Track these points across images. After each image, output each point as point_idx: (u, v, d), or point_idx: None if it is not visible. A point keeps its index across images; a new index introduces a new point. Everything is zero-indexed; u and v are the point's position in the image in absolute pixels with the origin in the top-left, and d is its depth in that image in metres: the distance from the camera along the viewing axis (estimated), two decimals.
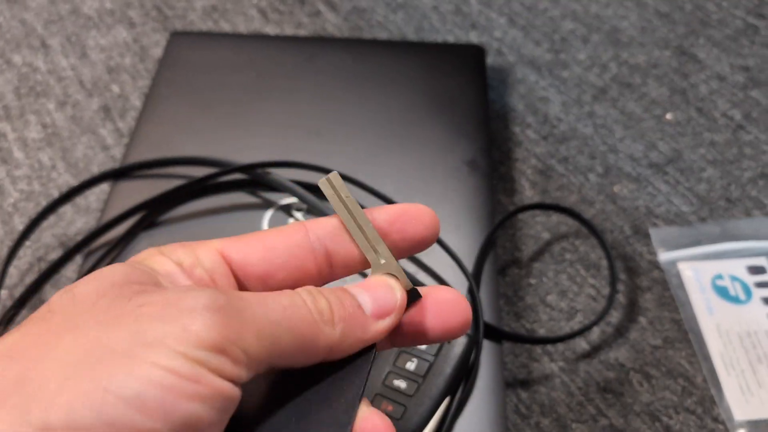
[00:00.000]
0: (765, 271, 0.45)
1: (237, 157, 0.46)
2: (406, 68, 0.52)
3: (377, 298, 0.23)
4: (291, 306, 0.21)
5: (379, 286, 0.23)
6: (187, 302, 0.19)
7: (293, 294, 0.21)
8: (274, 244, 0.23)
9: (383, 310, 0.23)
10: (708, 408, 0.40)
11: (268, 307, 0.20)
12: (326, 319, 0.21)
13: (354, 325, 0.22)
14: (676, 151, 0.51)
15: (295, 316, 0.20)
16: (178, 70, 0.53)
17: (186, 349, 0.18)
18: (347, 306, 0.22)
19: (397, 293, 0.24)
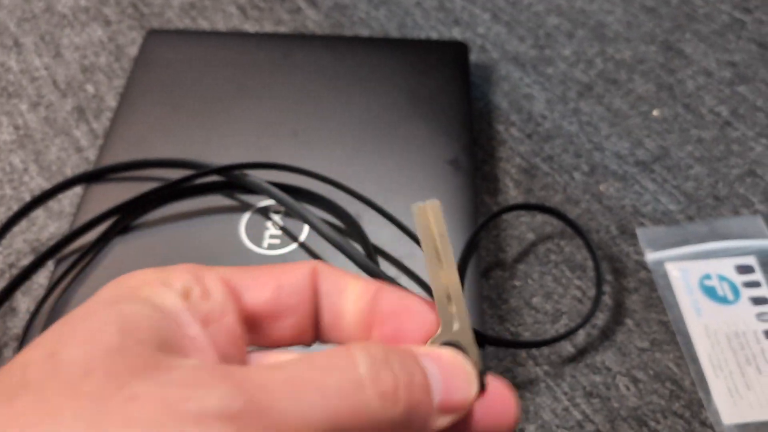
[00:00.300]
0: (753, 270, 0.44)
1: (214, 158, 0.45)
2: (388, 66, 0.51)
3: (451, 385, 0.18)
4: (341, 389, 0.15)
5: (455, 369, 0.18)
6: (189, 406, 0.14)
7: (346, 365, 0.16)
8: (288, 282, 0.20)
9: (453, 403, 0.18)
10: (696, 412, 0.39)
11: (305, 397, 0.15)
12: (388, 400, 0.16)
13: (418, 415, 0.17)
14: (663, 149, 0.50)
15: (346, 402, 0.15)
16: (154, 69, 0.51)
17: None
18: (416, 387, 0.17)
19: (474, 386, 0.18)
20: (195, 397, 0.14)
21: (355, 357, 0.16)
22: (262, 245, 0.42)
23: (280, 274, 0.20)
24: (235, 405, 0.14)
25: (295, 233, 0.42)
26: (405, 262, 0.41)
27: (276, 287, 0.20)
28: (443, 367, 0.18)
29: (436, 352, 0.19)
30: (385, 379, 0.16)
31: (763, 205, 0.47)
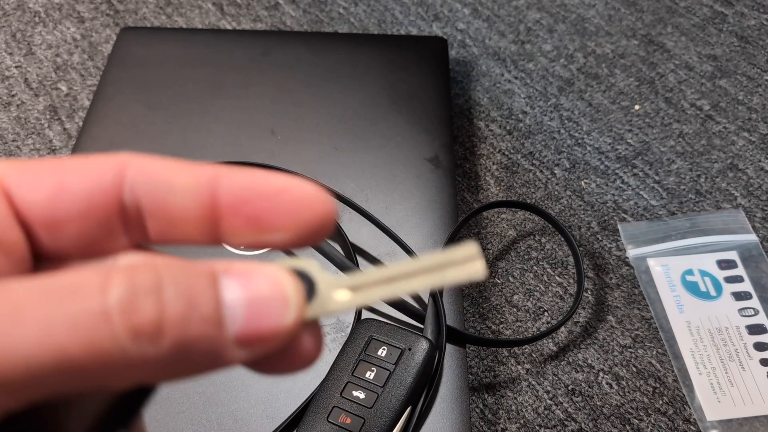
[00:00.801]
0: (736, 265, 0.44)
1: (191, 157, 0.44)
2: (367, 62, 0.50)
3: (258, 312, 0.15)
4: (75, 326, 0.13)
5: (268, 291, 0.15)
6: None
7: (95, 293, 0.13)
8: (73, 183, 0.16)
9: (258, 334, 0.15)
10: (679, 409, 0.38)
11: (23, 330, 0.13)
12: (145, 338, 0.13)
13: (197, 353, 0.14)
14: (645, 144, 0.49)
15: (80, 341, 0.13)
16: (128, 67, 0.50)
17: None
18: (197, 321, 0.14)
19: (291, 314, 0.15)
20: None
21: (111, 280, 0.13)
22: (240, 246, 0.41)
23: (67, 171, 0.16)
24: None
25: None
26: (385, 260, 0.40)
27: (56, 187, 0.16)
28: (251, 288, 0.15)
29: (246, 268, 0.15)
30: (142, 312, 0.13)
31: (745, 200, 0.47)
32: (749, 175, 0.48)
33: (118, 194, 0.16)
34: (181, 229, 0.16)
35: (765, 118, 0.51)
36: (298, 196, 0.16)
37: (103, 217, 0.16)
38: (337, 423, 0.33)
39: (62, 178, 0.16)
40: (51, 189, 0.16)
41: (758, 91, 0.52)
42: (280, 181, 0.16)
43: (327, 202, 0.16)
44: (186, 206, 0.16)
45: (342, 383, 0.34)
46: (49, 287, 0.13)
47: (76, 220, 0.16)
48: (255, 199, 0.16)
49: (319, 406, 0.34)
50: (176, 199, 0.16)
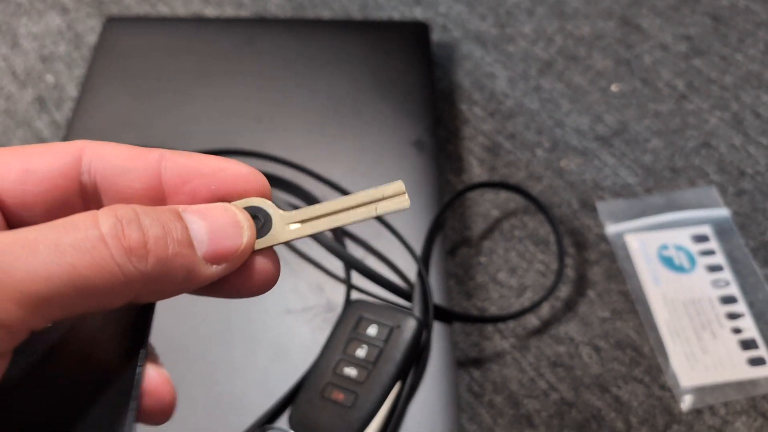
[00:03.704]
0: (708, 239, 0.45)
1: (178, 145, 0.45)
2: (349, 48, 0.51)
3: (218, 235, 0.18)
4: (76, 248, 0.15)
5: (223, 220, 0.18)
6: None
7: (87, 227, 0.16)
8: (37, 166, 0.18)
9: (220, 252, 0.18)
10: (655, 376, 0.40)
11: (34, 256, 0.15)
12: (136, 257, 0.16)
13: (176, 268, 0.17)
14: (622, 123, 0.51)
15: (80, 260, 0.15)
16: (114, 57, 0.51)
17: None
18: (173, 241, 0.17)
19: (244, 234, 0.18)
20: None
21: (98, 217, 0.16)
22: None
23: (31, 157, 0.18)
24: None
25: None
26: (372, 243, 0.42)
27: (22, 171, 0.18)
28: (209, 218, 0.18)
29: (203, 207, 0.18)
30: (130, 235, 0.16)
31: (718, 176, 0.48)
32: (721, 152, 0.50)
33: (77, 176, 0.18)
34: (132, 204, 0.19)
35: (737, 97, 0.52)
36: (233, 175, 0.19)
37: (64, 195, 0.18)
38: (330, 398, 0.35)
39: (27, 163, 0.18)
40: (18, 172, 0.18)
41: (730, 70, 0.54)
42: (216, 162, 0.19)
43: (259, 180, 0.19)
44: (135, 186, 0.19)
45: (334, 361, 0.36)
46: (50, 226, 0.16)
47: (42, 199, 0.18)
48: (194, 178, 0.19)
49: (313, 383, 0.35)
50: (126, 180, 0.19)
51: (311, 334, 0.39)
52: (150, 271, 0.16)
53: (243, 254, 0.18)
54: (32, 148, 0.19)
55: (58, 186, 0.18)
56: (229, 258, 0.18)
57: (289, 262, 0.41)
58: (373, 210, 0.19)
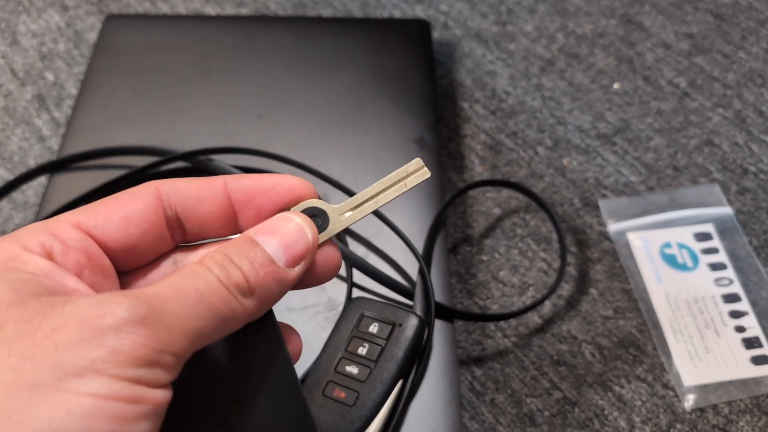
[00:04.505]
0: (711, 237, 0.45)
1: (179, 143, 0.45)
2: (351, 46, 0.51)
3: (288, 244, 0.22)
4: (208, 290, 0.19)
5: (288, 228, 0.22)
6: (105, 320, 0.17)
7: (205, 273, 0.20)
8: (131, 212, 0.22)
9: (296, 255, 0.22)
10: (658, 375, 0.40)
11: (186, 300, 0.19)
12: (243, 291, 0.20)
13: (271, 285, 0.21)
14: (624, 121, 0.51)
15: (214, 299, 0.19)
16: (114, 55, 0.51)
17: (120, 371, 0.17)
18: (260, 266, 0.21)
19: (308, 234, 0.22)
20: (107, 312, 0.17)
21: (211, 267, 0.20)
22: None
23: (123, 205, 0.22)
24: (141, 311, 0.18)
25: None
26: (374, 241, 0.41)
27: (122, 219, 0.22)
28: (277, 232, 0.22)
29: (269, 224, 0.22)
30: (233, 274, 0.20)
31: (721, 174, 0.48)
32: (724, 150, 0.49)
33: (162, 212, 0.22)
34: (209, 227, 0.23)
35: (739, 95, 0.52)
36: (287, 186, 0.23)
37: (158, 231, 0.22)
38: (332, 397, 0.34)
39: (123, 211, 0.22)
40: (118, 221, 0.21)
41: (732, 68, 0.54)
42: (272, 178, 0.23)
43: (308, 186, 0.23)
44: (211, 210, 0.23)
45: (336, 359, 0.36)
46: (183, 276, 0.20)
47: (141, 239, 0.22)
48: (257, 195, 0.23)
49: (315, 381, 0.35)
50: (203, 207, 0.23)
51: (313, 332, 0.38)
52: (257, 296, 0.21)
53: (313, 250, 0.22)
54: (118, 198, 0.22)
55: (152, 224, 0.22)
56: (303, 258, 0.22)
57: None
58: (403, 186, 0.24)
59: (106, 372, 0.17)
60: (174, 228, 0.23)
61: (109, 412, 0.16)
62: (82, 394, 0.16)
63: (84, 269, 0.21)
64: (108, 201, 0.22)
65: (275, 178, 0.23)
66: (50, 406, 0.16)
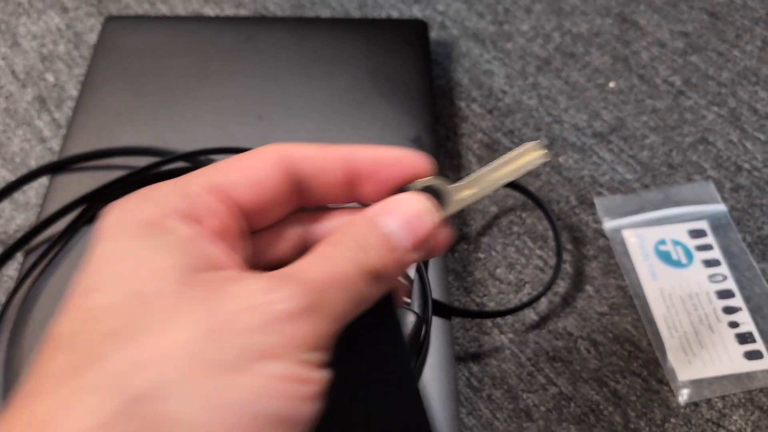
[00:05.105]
0: (705, 234, 0.46)
1: (179, 144, 0.46)
2: (349, 47, 0.52)
3: (413, 229, 0.22)
4: (348, 277, 0.20)
5: (411, 210, 0.22)
6: (280, 307, 0.19)
7: (343, 260, 0.21)
8: (259, 177, 0.22)
9: (419, 242, 0.22)
10: (653, 370, 0.41)
11: (337, 287, 0.20)
12: (374, 277, 0.21)
13: (395, 269, 0.22)
14: (620, 120, 0.51)
15: (353, 285, 0.20)
16: (114, 56, 0.51)
17: (296, 355, 0.18)
18: (388, 252, 0.21)
19: (431, 218, 0.22)
20: (281, 300, 0.19)
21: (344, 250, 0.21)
22: None
23: (253, 170, 0.22)
24: (308, 299, 0.19)
25: None
26: None
27: (253, 184, 0.22)
28: (400, 214, 0.22)
29: (392, 204, 0.22)
30: (367, 260, 0.21)
31: (715, 171, 0.49)
32: (718, 148, 0.50)
33: (289, 178, 0.22)
34: (329, 194, 0.23)
35: (734, 93, 0.53)
36: (410, 163, 0.23)
37: (284, 197, 0.23)
38: None
39: (254, 176, 0.22)
40: (251, 186, 0.22)
41: (727, 66, 0.54)
42: (395, 153, 0.23)
43: (427, 163, 0.23)
44: (333, 181, 0.23)
45: None
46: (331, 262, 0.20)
47: (271, 204, 0.22)
48: (380, 170, 0.23)
49: None
50: (327, 177, 0.23)
51: None
52: (383, 281, 0.21)
53: (434, 232, 0.22)
54: (245, 161, 0.22)
55: (279, 190, 0.22)
56: (425, 242, 0.22)
57: None
58: (520, 168, 0.23)
59: (284, 356, 0.18)
60: (295, 192, 0.23)
61: (289, 393, 0.18)
62: (266, 375, 0.18)
63: (221, 233, 0.21)
64: (236, 164, 0.22)
65: (399, 153, 0.23)
66: (240, 386, 0.17)
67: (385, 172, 0.23)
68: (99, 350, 0.17)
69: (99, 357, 0.17)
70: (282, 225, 0.24)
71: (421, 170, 0.23)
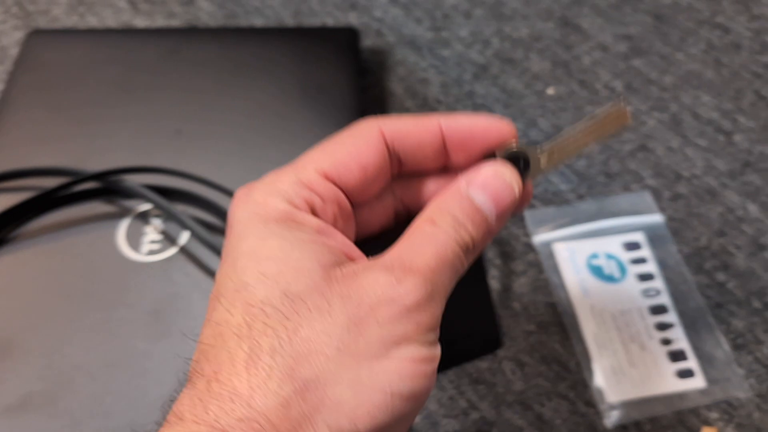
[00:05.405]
0: (640, 246, 0.44)
1: (95, 162, 0.44)
2: (277, 57, 0.50)
3: (499, 200, 0.24)
4: (452, 256, 0.22)
5: (497, 181, 0.24)
6: (409, 298, 0.21)
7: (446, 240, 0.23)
8: (365, 160, 0.24)
9: (504, 212, 0.24)
10: (581, 392, 0.39)
11: (445, 269, 0.22)
12: (469, 251, 0.23)
13: (484, 240, 0.24)
14: (557, 128, 0.50)
15: (455, 262, 0.23)
16: (35, 71, 0.49)
17: (424, 337, 0.21)
18: (480, 226, 0.23)
19: (516, 189, 0.24)
20: (407, 292, 0.21)
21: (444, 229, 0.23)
22: (141, 251, 0.41)
23: (359, 153, 0.24)
24: (428, 288, 0.21)
25: (175, 237, 0.41)
26: None
27: (360, 167, 0.24)
28: (488, 187, 0.24)
29: (480, 176, 0.24)
30: (463, 236, 0.23)
31: (653, 179, 0.47)
32: (658, 155, 0.48)
33: (388, 154, 0.24)
34: (424, 165, 0.25)
35: (676, 97, 0.51)
36: (497, 131, 0.25)
37: (384, 172, 0.25)
38: None
39: (360, 159, 0.24)
40: (357, 171, 0.24)
41: (670, 70, 0.53)
42: (483, 122, 0.25)
43: (513, 130, 0.25)
44: (428, 152, 0.25)
45: None
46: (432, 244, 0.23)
47: (375, 184, 0.25)
48: (469, 139, 0.25)
49: None
50: (423, 151, 0.25)
51: None
52: (478, 251, 0.24)
53: (517, 202, 0.25)
54: (349, 143, 0.24)
55: (382, 169, 0.24)
56: (509, 211, 0.24)
57: None
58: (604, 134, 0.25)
59: (416, 340, 0.21)
60: (393, 166, 0.25)
61: (419, 372, 0.21)
62: (402, 359, 0.21)
63: (337, 219, 0.24)
64: (341, 147, 0.24)
65: (487, 120, 0.25)
66: (383, 371, 0.20)
67: (473, 141, 0.25)
68: (267, 342, 0.20)
69: (269, 348, 0.20)
70: (376, 197, 0.26)
71: (508, 136, 0.25)
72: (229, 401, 0.19)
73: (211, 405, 0.19)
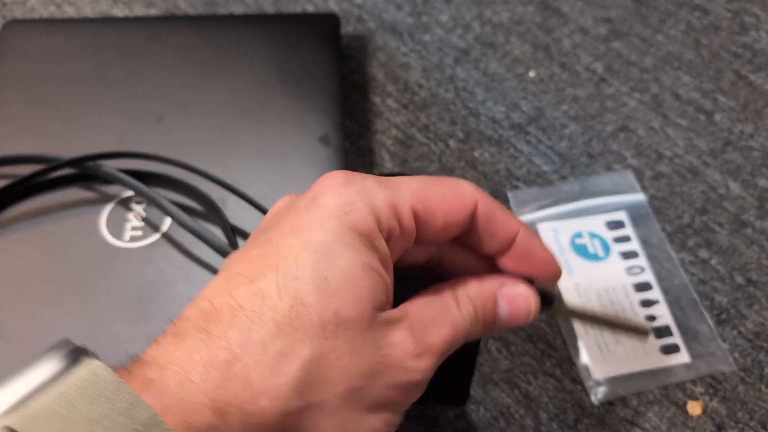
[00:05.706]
0: (623, 225, 0.44)
1: (76, 150, 0.43)
2: (257, 44, 0.50)
3: (516, 316, 0.26)
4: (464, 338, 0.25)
5: (523, 305, 0.26)
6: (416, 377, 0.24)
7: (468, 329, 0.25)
8: (453, 222, 0.25)
9: (512, 325, 0.27)
10: (566, 369, 0.39)
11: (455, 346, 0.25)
12: (476, 336, 0.26)
13: (489, 332, 0.27)
14: (539, 110, 0.50)
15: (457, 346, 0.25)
16: (12, 61, 0.49)
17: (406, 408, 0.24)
18: (493, 325, 0.26)
19: (531, 317, 0.27)
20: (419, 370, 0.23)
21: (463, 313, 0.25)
22: (123, 238, 0.40)
23: (449, 214, 0.25)
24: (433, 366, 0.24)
25: (158, 223, 0.41)
26: None
27: (443, 226, 0.25)
28: (514, 305, 0.26)
29: (512, 294, 0.26)
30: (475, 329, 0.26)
31: (635, 159, 0.47)
32: (639, 135, 0.48)
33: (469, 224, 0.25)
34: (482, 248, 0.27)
35: (656, 78, 0.51)
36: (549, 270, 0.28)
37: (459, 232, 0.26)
38: None
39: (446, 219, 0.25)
40: (440, 229, 0.25)
41: (650, 52, 0.53)
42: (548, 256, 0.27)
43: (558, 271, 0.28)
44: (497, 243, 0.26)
45: None
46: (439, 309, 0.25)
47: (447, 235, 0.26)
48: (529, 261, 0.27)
49: None
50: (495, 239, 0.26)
51: None
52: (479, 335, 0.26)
53: (522, 325, 0.27)
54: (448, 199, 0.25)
55: (455, 232, 0.25)
56: (512, 327, 0.27)
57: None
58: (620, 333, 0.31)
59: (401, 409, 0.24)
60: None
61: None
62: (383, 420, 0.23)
63: (398, 257, 0.25)
64: (439, 195, 0.25)
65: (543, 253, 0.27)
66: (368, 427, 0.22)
67: (531, 263, 0.27)
68: (303, 353, 0.21)
69: (300, 360, 0.21)
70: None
71: (548, 272, 0.27)
72: (247, 387, 0.21)
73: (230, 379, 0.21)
